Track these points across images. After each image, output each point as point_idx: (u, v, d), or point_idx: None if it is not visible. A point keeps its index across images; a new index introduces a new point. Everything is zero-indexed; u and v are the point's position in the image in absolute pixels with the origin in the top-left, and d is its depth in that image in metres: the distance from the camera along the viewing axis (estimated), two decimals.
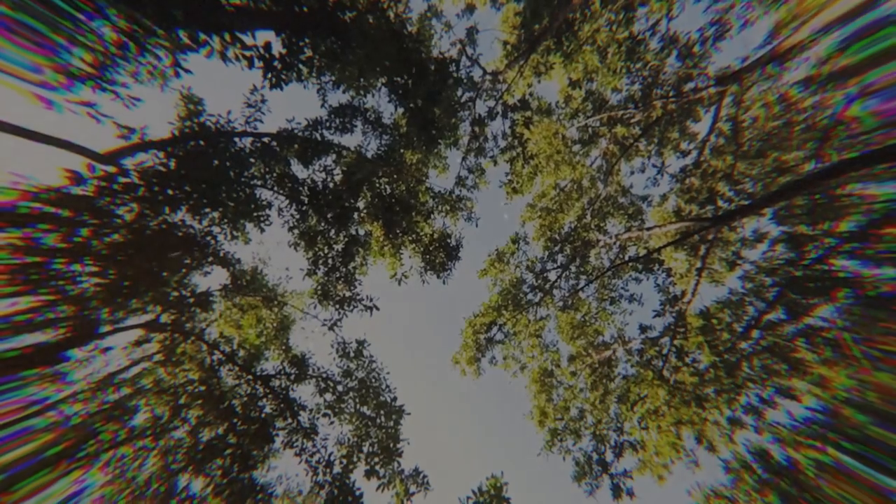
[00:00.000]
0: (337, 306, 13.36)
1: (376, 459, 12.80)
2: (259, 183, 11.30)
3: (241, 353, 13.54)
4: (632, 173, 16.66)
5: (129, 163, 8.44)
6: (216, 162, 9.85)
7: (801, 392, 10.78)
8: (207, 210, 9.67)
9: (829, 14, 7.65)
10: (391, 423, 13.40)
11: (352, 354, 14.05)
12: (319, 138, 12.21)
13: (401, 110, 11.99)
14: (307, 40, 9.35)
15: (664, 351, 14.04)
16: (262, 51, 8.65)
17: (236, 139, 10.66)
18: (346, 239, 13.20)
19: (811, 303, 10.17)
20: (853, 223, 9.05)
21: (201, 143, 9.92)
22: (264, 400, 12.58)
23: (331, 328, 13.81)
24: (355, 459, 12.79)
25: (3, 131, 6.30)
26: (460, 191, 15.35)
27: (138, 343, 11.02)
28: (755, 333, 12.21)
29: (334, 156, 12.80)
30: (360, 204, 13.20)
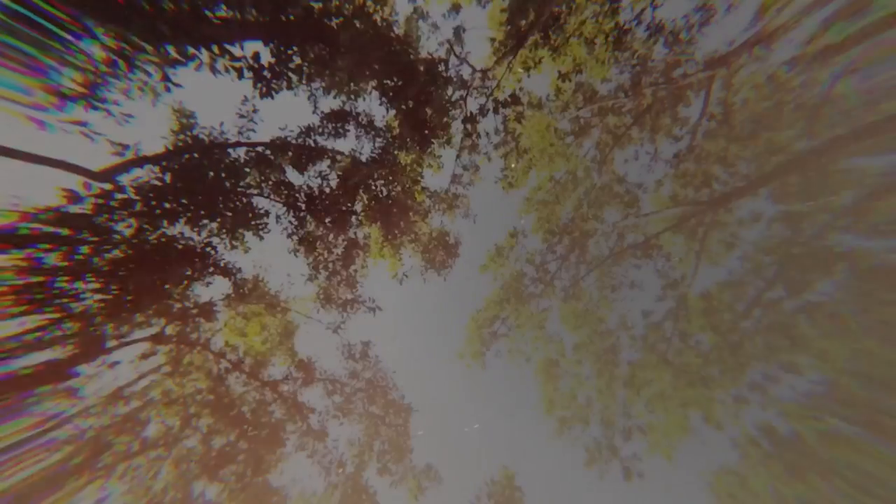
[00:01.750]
0: (340, 309, 13.48)
1: (388, 457, 12.97)
2: (255, 192, 11.39)
3: (248, 360, 13.67)
4: (626, 161, 16.69)
5: (124, 179, 8.52)
6: (211, 173, 9.94)
7: (802, 366, 10.86)
8: (206, 221, 9.76)
9: None
10: (400, 421, 13.56)
11: (357, 356, 14.19)
12: (313, 144, 12.28)
13: (392, 112, 12.05)
14: (295, 48, 9.41)
15: (667, 335, 14.15)
16: (250, 61, 8.72)
17: (230, 150, 10.73)
18: (346, 242, 13.29)
19: (810, 278, 10.25)
20: (847, 198, 9.12)
21: (195, 155, 10.00)
22: (273, 405, 12.73)
23: (335, 331, 13.94)
24: (367, 458, 12.96)
25: (3, 156, 6.38)
26: (456, 188, 15.43)
27: (145, 356, 11.16)
28: (756, 312, 12.29)
29: (329, 161, 12.87)
30: (358, 207, 13.28)
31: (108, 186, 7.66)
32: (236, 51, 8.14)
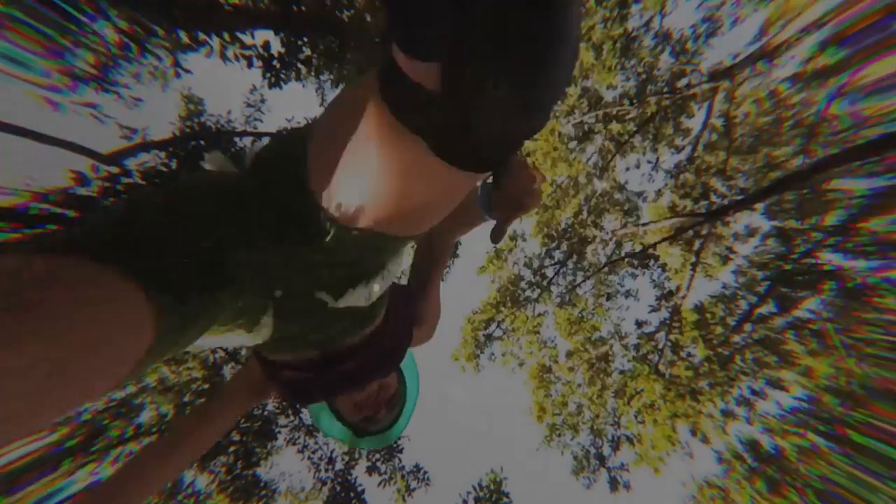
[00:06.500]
0: None
1: (377, 456, 12.97)
2: None
3: (243, 350, 13.64)
4: (627, 169, 16.86)
5: (131, 163, 8.52)
6: None
7: (788, 382, 11.07)
8: None
9: (811, 14, 7.95)
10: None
11: None
12: None
13: None
14: (306, 39, 9.45)
15: (660, 346, 14.29)
16: (261, 50, 8.74)
17: (236, 139, 10.73)
18: None
19: (800, 296, 10.46)
20: (837, 217, 9.38)
21: (202, 142, 9.99)
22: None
23: None
24: (357, 456, 12.96)
25: (16, 134, 6.39)
26: None
27: None
28: (747, 327, 12.49)
29: None
30: None
31: (115, 170, 7.67)
32: (247, 39, 8.17)
